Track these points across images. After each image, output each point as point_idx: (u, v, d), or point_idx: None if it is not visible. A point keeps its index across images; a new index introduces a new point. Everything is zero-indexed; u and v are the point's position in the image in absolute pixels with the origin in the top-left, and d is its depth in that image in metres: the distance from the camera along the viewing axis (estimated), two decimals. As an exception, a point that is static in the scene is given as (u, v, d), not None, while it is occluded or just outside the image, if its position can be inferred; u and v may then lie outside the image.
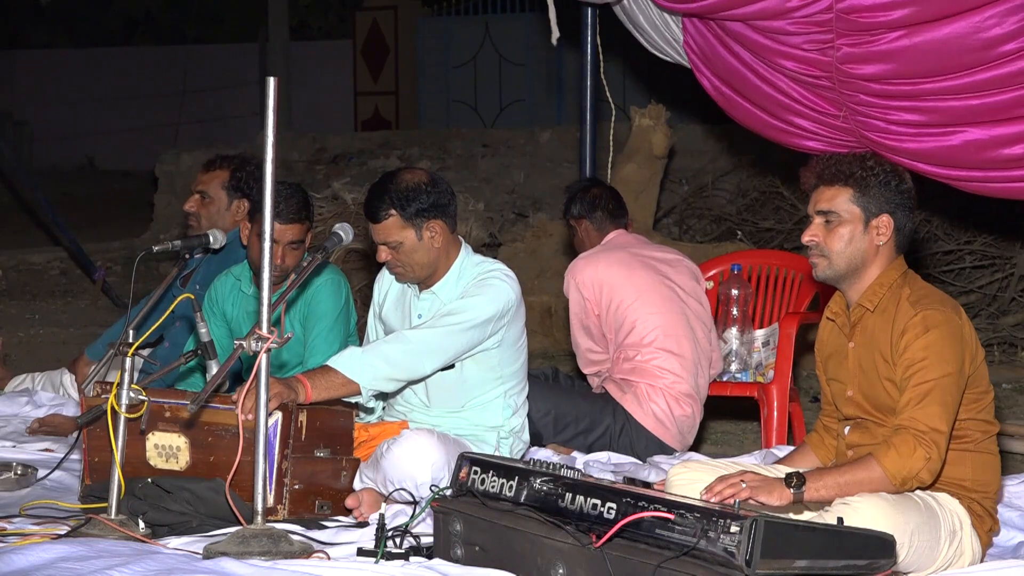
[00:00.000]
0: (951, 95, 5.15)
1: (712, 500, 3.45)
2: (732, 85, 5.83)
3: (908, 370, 3.60)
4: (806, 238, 3.78)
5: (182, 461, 4.12)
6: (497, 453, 4.44)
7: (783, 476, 3.56)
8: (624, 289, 5.15)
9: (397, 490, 4.10)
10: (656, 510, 3.21)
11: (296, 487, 4.04)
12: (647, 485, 3.75)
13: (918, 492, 3.61)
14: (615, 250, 5.28)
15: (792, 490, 3.50)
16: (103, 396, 4.02)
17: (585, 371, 5.35)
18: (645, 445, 5.05)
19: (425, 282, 4.51)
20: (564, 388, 5.27)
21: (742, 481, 3.51)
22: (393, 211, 4.39)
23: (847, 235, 3.72)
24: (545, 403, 5.01)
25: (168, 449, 4.13)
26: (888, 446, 3.54)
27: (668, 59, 6.23)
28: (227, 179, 5.45)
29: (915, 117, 5.28)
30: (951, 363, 3.58)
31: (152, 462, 4.14)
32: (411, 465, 4.16)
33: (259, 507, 3.68)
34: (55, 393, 5.86)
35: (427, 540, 3.72)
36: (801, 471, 3.59)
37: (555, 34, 6.21)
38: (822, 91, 5.45)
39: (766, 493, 3.49)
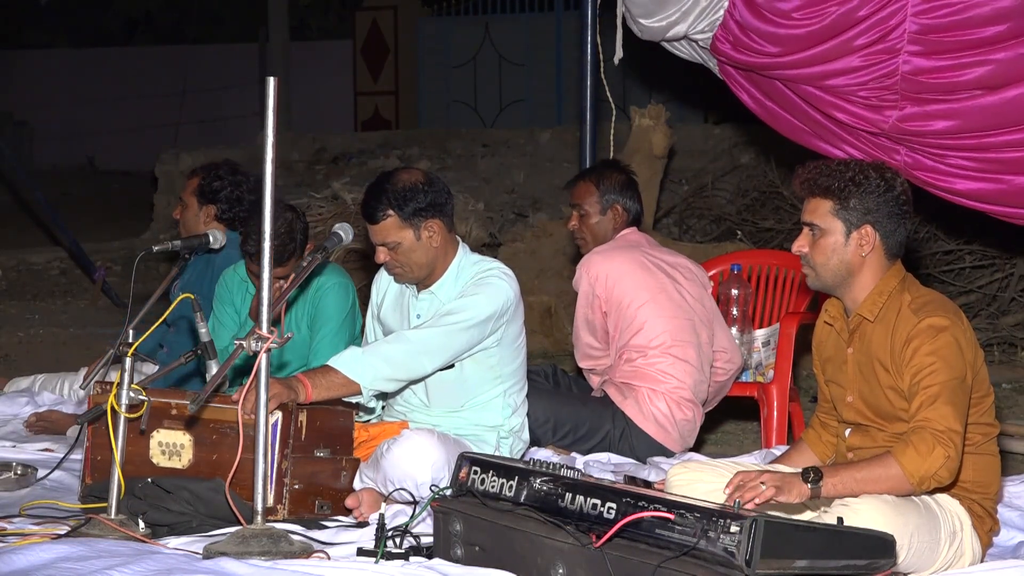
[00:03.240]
0: (1012, 147, 5.25)
1: (732, 492, 3.41)
2: (776, 100, 5.84)
3: (916, 375, 3.58)
4: (794, 248, 3.79)
5: (185, 459, 4.12)
6: (497, 453, 4.44)
7: (799, 472, 3.53)
8: (637, 290, 5.13)
9: (397, 490, 4.10)
10: (656, 510, 3.21)
11: (296, 487, 4.04)
12: (647, 484, 3.75)
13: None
14: (630, 249, 5.24)
15: (810, 485, 3.46)
16: (105, 395, 4.02)
17: (581, 364, 5.33)
18: (645, 449, 5.04)
19: (423, 282, 4.51)
20: (563, 393, 5.25)
21: (762, 483, 3.46)
22: (391, 211, 4.38)
23: (829, 248, 3.72)
24: (544, 411, 4.99)
25: (172, 447, 4.13)
26: (906, 444, 3.51)
27: (691, 60, 6.24)
28: (197, 186, 5.51)
29: (972, 164, 5.37)
30: (957, 368, 3.57)
31: (155, 460, 4.14)
32: (411, 465, 4.16)
33: (259, 507, 3.68)
34: (51, 395, 5.86)
35: (427, 540, 3.72)
36: (818, 467, 3.56)
37: (619, 54, 6.21)
38: (876, 136, 5.51)
39: (786, 492, 3.43)
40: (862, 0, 5.33)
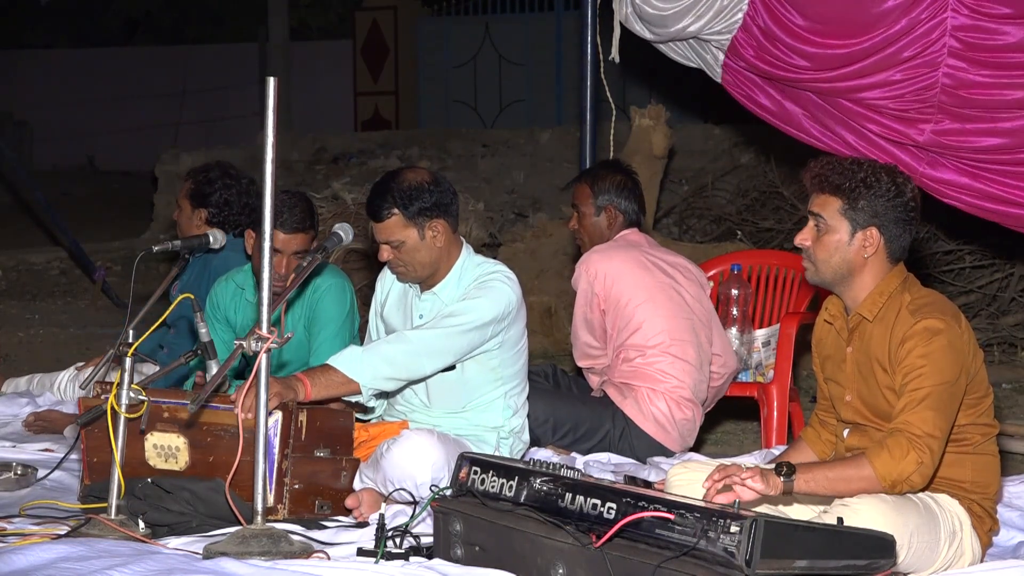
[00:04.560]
0: None
1: (709, 486, 3.43)
2: (791, 98, 5.82)
3: (906, 376, 3.58)
4: (797, 240, 3.79)
5: (181, 461, 4.11)
6: (497, 453, 4.44)
7: (773, 467, 3.54)
8: (635, 289, 5.13)
9: (397, 490, 4.10)
10: (656, 510, 3.21)
11: (296, 487, 4.04)
12: (647, 484, 3.75)
13: (918, 493, 3.61)
14: (629, 248, 5.24)
15: (782, 479, 3.48)
16: (103, 396, 4.02)
17: (580, 364, 5.34)
18: (645, 449, 5.04)
19: (426, 282, 4.51)
20: (563, 393, 5.25)
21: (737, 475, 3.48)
22: (395, 210, 4.39)
23: (832, 245, 3.72)
24: (544, 411, 4.99)
25: (167, 449, 4.12)
26: (881, 447, 3.54)
27: (685, 62, 6.22)
28: (189, 189, 5.50)
29: (1006, 169, 5.38)
30: (948, 372, 3.57)
31: (151, 462, 4.14)
32: (411, 465, 4.16)
33: (259, 507, 3.68)
34: (52, 395, 5.86)
35: (427, 540, 3.72)
36: (792, 462, 3.57)
37: (614, 54, 6.20)
38: (904, 146, 5.53)
39: (761, 480, 3.46)
40: (901, 17, 5.34)
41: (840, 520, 3.32)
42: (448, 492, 3.73)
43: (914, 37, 5.33)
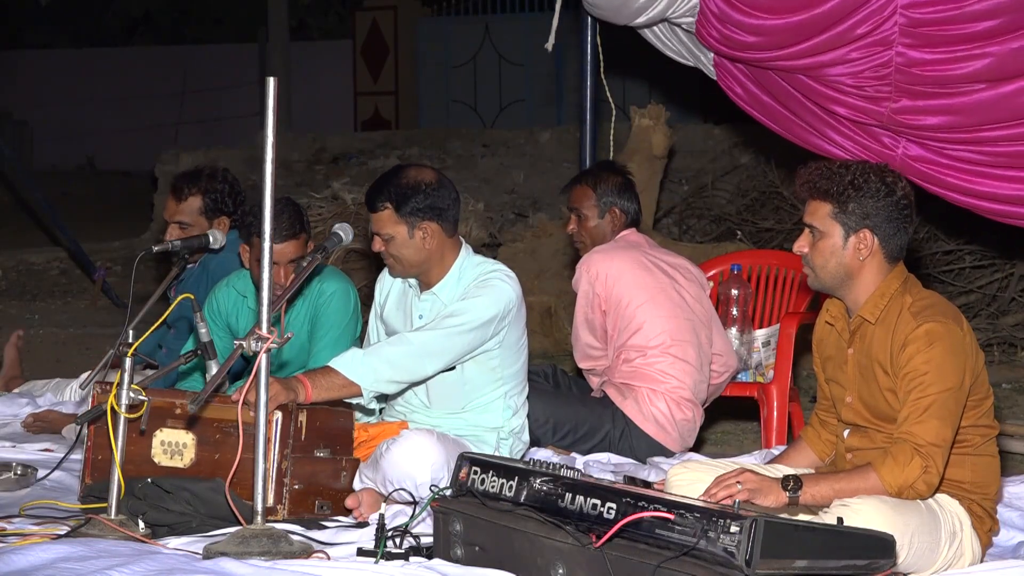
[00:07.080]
0: (1008, 142, 5.25)
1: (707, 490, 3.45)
2: (771, 93, 5.81)
3: (910, 383, 3.58)
4: (795, 249, 3.80)
5: (186, 458, 4.11)
6: (497, 454, 4.44)
7: (780, 478, 3.56)
8: (636, 289, 5.12)
9: (397, 490, 4.10)
10: (656, 510, 3.21)
11: (296, 487, 4.04)
12: (647, 484, 3.75)
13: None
14: (630, 249, 5.24)
15: (788, 493, 3.50)
16: (106, 395, 4.02)
17: (580, 365, 5.33)
18: (645, 449, 5.04)
19: (425, 282, 4.51)
20: (563, 393, 5.25)
21: (738, 482, 3.51)
22: (388, 204, 4.40)
23: (828, 250, 3.72)
24: (544, 411, 4.99)
25: (174, 446, 4.13)
26: (886, 455, 3.55)
27: (682, 60, 6.21)
28: (201, 204, 5.39)
29: (974, 156, 5.36)
30: (951, 378, 3.57)
31: (157, 459, 4.14)
32: (411, 465, 4.16)
33: (259, 507, 3.68)
34: (52, 396, 5.84)
35: (427, 540, 3.73)
36: (799, 474, 3.58)
37: (551, 41, 6.20)
38: (875, 129, 5.50)
39: (762, 496, 3.49)
40: None
41: (840, 520, 3.32)
42: (448, 492, 3.73)
43: (867, 14, 5.30)
